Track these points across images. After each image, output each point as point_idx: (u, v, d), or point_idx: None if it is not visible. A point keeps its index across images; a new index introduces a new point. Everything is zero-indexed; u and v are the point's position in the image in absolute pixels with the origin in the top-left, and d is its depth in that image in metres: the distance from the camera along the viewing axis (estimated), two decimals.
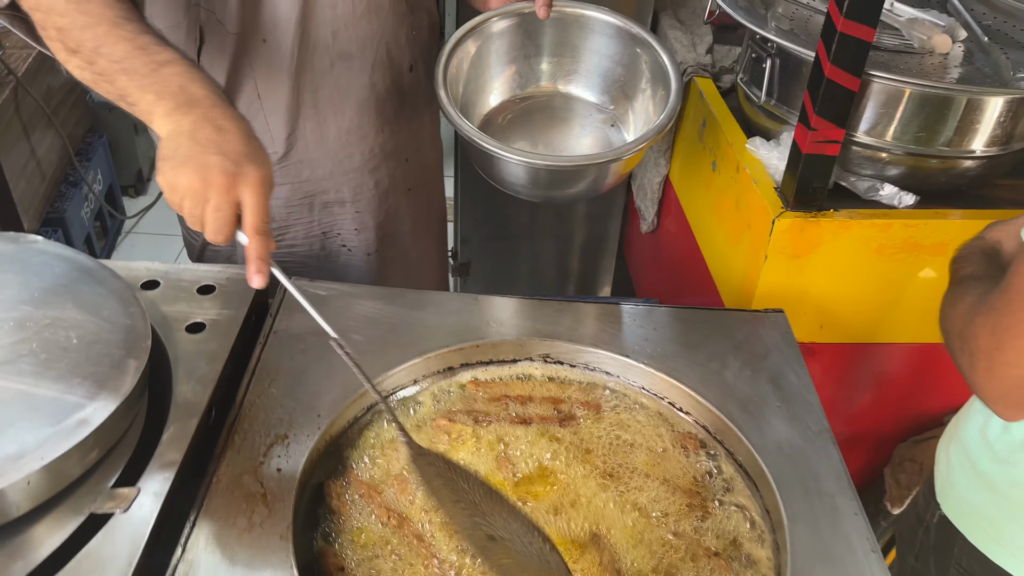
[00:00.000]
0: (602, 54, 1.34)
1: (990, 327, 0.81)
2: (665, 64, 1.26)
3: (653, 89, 1.30)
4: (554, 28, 1.32)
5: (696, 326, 1.16)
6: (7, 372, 0.85)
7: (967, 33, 1.47)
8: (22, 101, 2.21)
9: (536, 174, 1.19)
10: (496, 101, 1.36)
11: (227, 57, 1.15)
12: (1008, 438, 0.98)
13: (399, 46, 1.24)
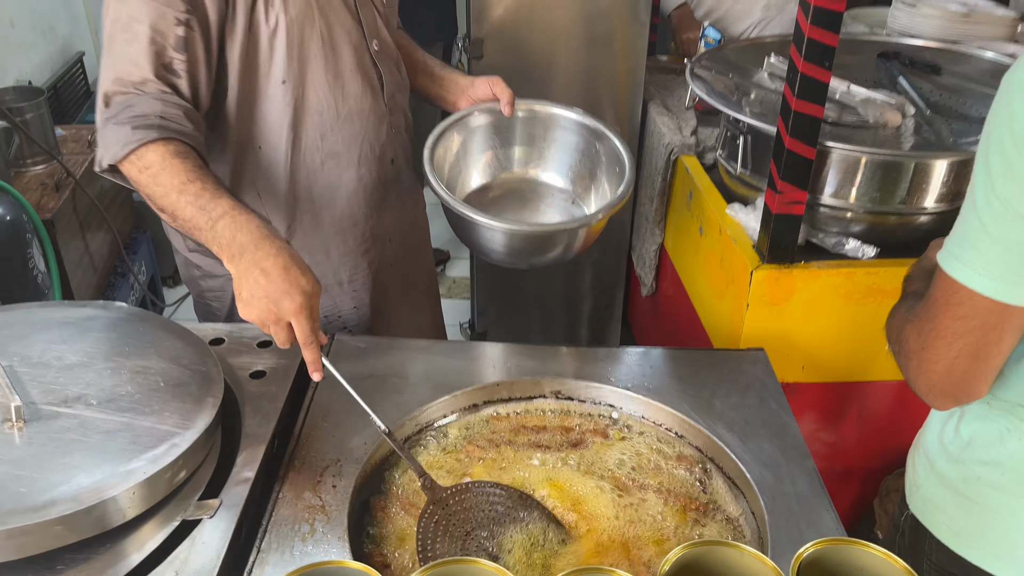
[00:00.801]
0: (565, 144, 1.52)
1: (916, 332, 0.96)
2: (620, 151, 1.44)
3: (610, 172, 1.47)
4: (524, 123, 1.52)
5: (687, 364, 1.33)
6: (111, 408, 1.03)
7: (915, 109, 1.68)
8: (79, 201, 2.45)
9: (512, 240, 1.34)
10: (475, 184, 1.53)
11: (228, 164, 1.34)
12: (958, 440, 1.11)
13: (380, 142, 1.41)
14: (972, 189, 0.89)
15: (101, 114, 1.19)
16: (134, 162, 1.15)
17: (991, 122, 0.87)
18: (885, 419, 1.64)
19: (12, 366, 1.07)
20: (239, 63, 1.25)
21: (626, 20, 2.06)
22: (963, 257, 0.89)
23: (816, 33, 1.28)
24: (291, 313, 1.05)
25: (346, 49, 1.32)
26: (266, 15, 1.23)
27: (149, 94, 1.17)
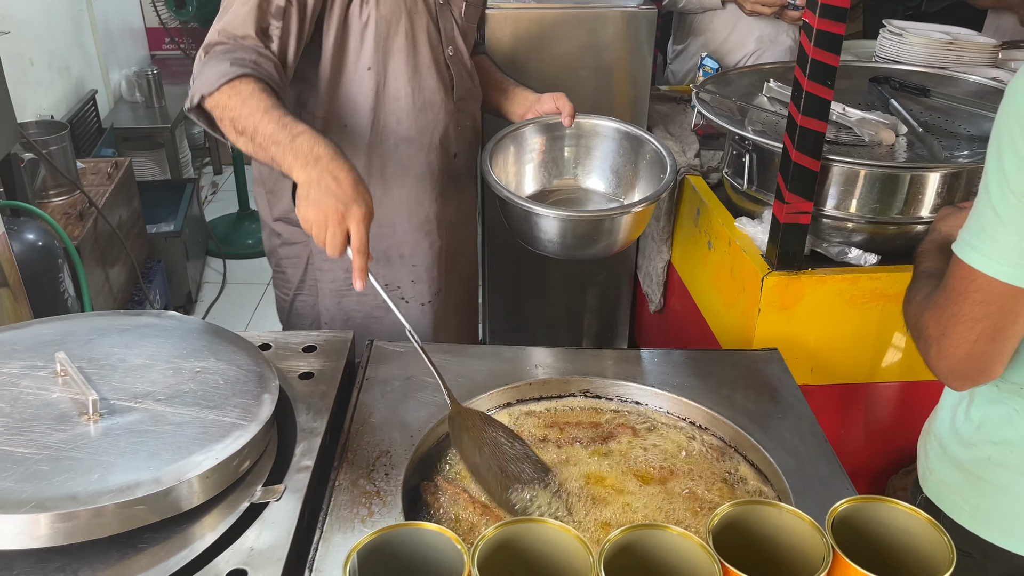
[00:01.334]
0: (611, 152, 1.69)
1: (936, 319, 1.04)
2: (662, 153, 1.59)
3: (651, 173, 1.62)
4: (575, 133, 1.68)
5: (706, 363, 1.41)
6: (178, 404, 1.10)
7: (907, 128, 1.79)
8: (100, 231, 2.52)
9: (564, 227, 1.48)
10: (529, 189, 1.69)
11: None
12: (969, 424, 1.18)
13: (448, 137, 1.58)
14: (986, 186, 0.97)
15: (200, 62, 1.34)
16: (226, 91, 1.27)
17: (1000, 126, 0.95)
18: (890, 419, 1.72)
19: (82, 367, 1.13)
20: (332, 49, 1.43)
21: (630, 51, 2.17)
22: (980, 248, 0.97)
23: (819, 55, 1.39)
24: (357, 218, 1.16)
25: (425, 48, 1.49)
26: (360, 10, 1.41)
27: (247, 46, 1.32)
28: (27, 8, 2.95)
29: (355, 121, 1.49)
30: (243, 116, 1.26)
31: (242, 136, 1.27)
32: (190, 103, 1.32)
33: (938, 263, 1.17)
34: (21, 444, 1.00)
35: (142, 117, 3.73)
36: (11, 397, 1.08)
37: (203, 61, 1.33)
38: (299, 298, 1.67)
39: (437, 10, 1.50)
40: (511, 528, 0.82)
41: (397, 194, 1.56)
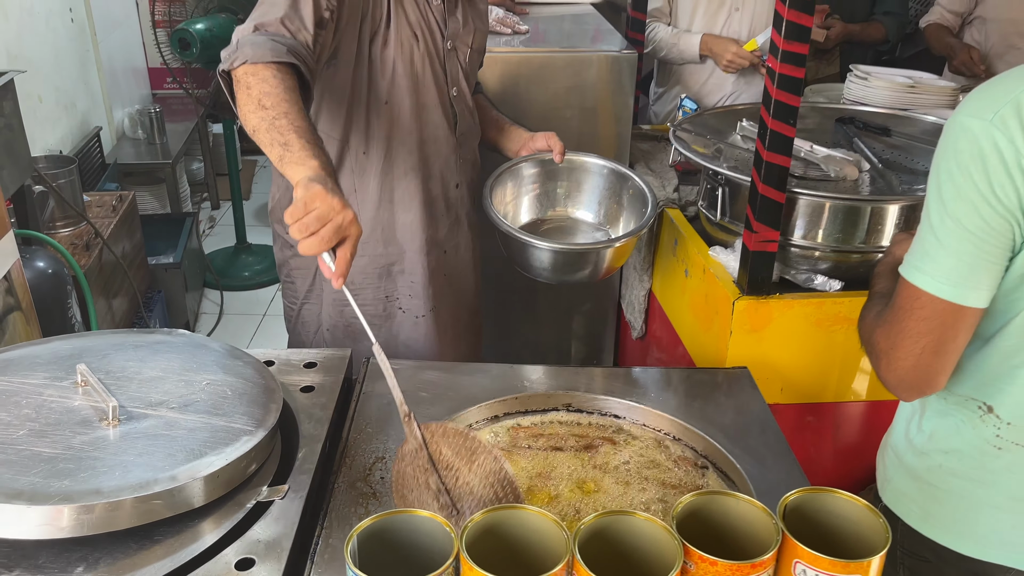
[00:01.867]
0: (598, 187, 1.86)
1: (885, 334, 1.14)
2: (644, 190, 1.76)
3: (636, 209, 1.78)
4: (567, 169, 1.87)
5: (681, 380, 1.51)
6: (190, 411, 1.19)
7: (869, 164, 1.92)
8: (105, 261, 2.62)
9: (555, 257, 1.67)
10: (524, 219, 1.87)
11: (334, 157, 1.63)
12: (921, 435, 1.27)
13: (450, 169, 1.74)
14: (927, 213, 1.07)
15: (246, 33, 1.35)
16: (273, 68, 1.30)
17: (939, 157, 1.06)
18: (858, 437, 1.82)
19: (101, 378, 1.23)
20: (357, 82, 1.58)
21: (613, 92, 2.30)
22: (923, 268, 1.07)
23: (782, 96, 1.52)
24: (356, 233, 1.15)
25: (433, 89, 1.65)
26: (382, 51, 1.57)
27: (301, 42, 1.37)
28: (38, 48, 3.08)
29: (372, 149, 1.65)
30: (276, 95, 1.27)
31: (264, 111, 1.27)
32: (229, 64, 1.34)
33: (890, 283, 1.27)
34: (47, 445, 1.09)
35: (144, 153, 3.85)
36: (36, 404, 1.17)
37: (252, 34, 1.35)
38: (305, 307, 1.81)
39: (445, 55, 1.66)
40: (496, 514, 0.91)
41: (403, 217, 1.71)
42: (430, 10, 1.63)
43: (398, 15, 1.58)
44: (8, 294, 1.77)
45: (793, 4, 1.44)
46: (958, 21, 3.13)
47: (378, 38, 1.57)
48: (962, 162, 1.02)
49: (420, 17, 1.61)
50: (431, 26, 1.63)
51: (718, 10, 2.69)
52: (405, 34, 1.59)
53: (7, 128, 2.03)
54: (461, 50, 1.70)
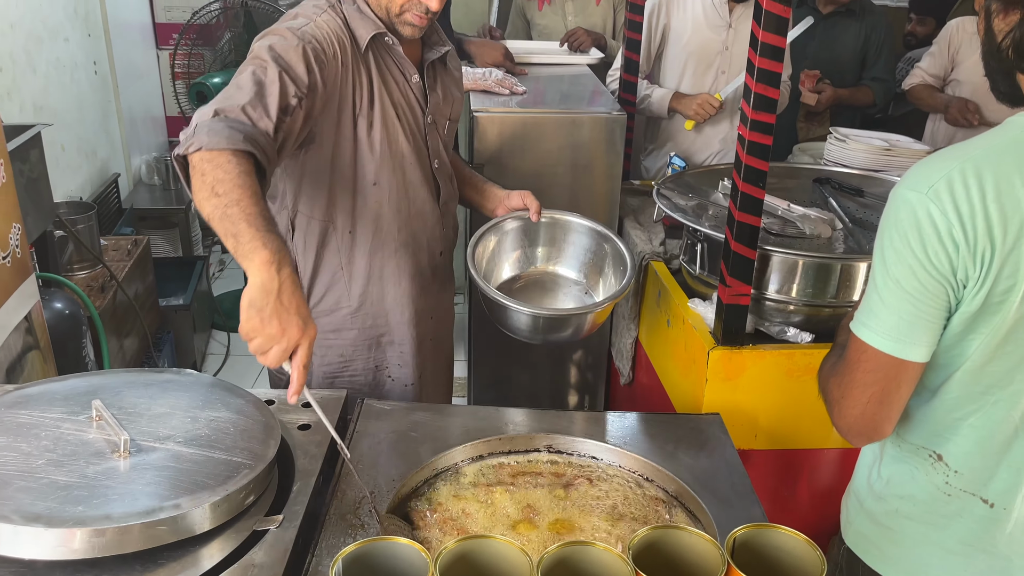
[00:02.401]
0: (579, 245, 1.93)
1: (837, 383, 1.23)
2: (623, 252, 1.83)
3: (615, 268, 1.85)
4: (546, 227, 1.92)
5: (656, 425, 1.60)
6: (194, 445, 1.29)
7: (842, 223, 2.03)
8: (119, 303, 2.74)
9: (536, 321, 1.71)
10: (506, 275, 1.93)
11: (316, 239, 1.70)
12: (880, 481, 1.34)
13: (435, 239, 1.81)
14: (873, 275, 1.18)
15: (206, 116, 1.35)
16: (228, 154, 1.29)
17: (883, 225, 1.17)
18: (830, 483, 1.90)
19: (113, 413, 1.33)
20: (342, 165, 1.63)
21: (604, 151, 2.43)
22: (869, 324, 1.17)
23: (751, 161, 1.63)
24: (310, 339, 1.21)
25: (416, 165, 1.71)
26: (368, 133, 1.62)
27: (261, 130, 1.38)
28: (63, 100, 3.25)
29: (360, 228, 1.69)
30: (229, 182, 1.26)
31: (216, 198, 1.25)
32: (184, 149, 1.33)
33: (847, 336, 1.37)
34: (63, 474, 1.19)
35: (159, 198, 4.01)
36: (54, 436, 1.27)
37: (212, 119, 1.34)
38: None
39: (426, 130, 1.72)
40: (468, 543, 1.01)
41: (392, 292, 1.77)
42: (410, 88, 1.68)
43: (381, 96, 1.62)
44: (28, 333, 1.88)
45: (760, 78, 1.57)
46: (939, 83, 3.28)
47: (362, 120, 1.61)
48: (901, 230, 1.12)
49: (401, 95, 1.66)
50: (411, 103, 1.68)
51: (705, 72, 2.84)
52: (389, 114, 1.64)
53: (33, 177, 2.17)
54: (440, 122, 1.76)
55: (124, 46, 3.96)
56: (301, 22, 1.55)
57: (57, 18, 3.21)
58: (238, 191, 1.26)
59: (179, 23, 4.42)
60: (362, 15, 1.61)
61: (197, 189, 1.31)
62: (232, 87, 1.42)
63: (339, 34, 1.57)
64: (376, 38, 1.62)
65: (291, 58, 1.46)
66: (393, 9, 1.59)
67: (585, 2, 3.81)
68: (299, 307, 1.22)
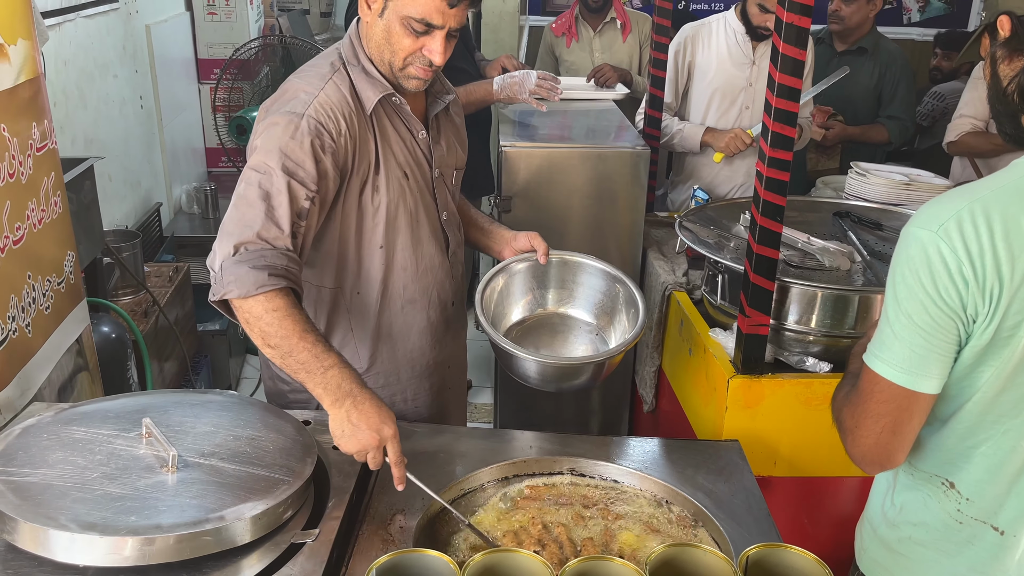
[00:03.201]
0: (590, 286, 1.87)
1: (851, 413, 1.27)
2: (635, 295, 1.78)
3: (627, 310, 1.81)
4: (556, 269, 1.87)
5: (676, 450, 1.65)
6: (236, 462, 1.37)
7: (860, 256, 2.08)
8: (160, 327, 2.85)
9: (545, 370, 1.67)
10: (516, 318, 1.86)
11: (327, 305, 1.69)
12: (893, 508, 1.38)
13: (445, 290, 1.77)
14: (885, 309, 1.22)
15: (227, 258, 1.41)
16: (263, 302, 1.38)
17: (895, 261, 1.21)
18: (847, 511, 1.93)
19: (162, 431, 1.42)
20: (347, 232, 1.61)
21: (628, 184, 2.51)
22: (882, 356, 1.21)
23: (770, 196, 1.70)
24: (390, 436, 1.36)
25: (425, 220, 1.68)
26: (372, 198, 1.60)
27: (278, 249, 1.42)
28: (111, 133, 3.40)
29: (367, 291, 1.67)
30: (277, 336, 1.38)
31: (272, 349, 1.40)
32: (219, 296, 1.41)
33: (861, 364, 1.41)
34: (116, 486, 1.27)
35: (198, 227, 4.14)
36: (108, 452, 1.36)
37: (232, 259, 1.40)
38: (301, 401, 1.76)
39: (434, 184, 1.69)
40: (494, 556, 1.07)
41: (402, 348, 1.74)
42: (416, 144, 1.65)
43: (386, 158, 1.59)
44: (79, 355, 1.98)
45: (777, 118, 1.64)
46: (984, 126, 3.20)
47: (367, 187, 1.58)
48: (913, 267, 1.16)
49: (408, 154, 1.63)
50: (419, 160, 1.65)
51: (729, 108, 2.91)
52: (395, 175, 1.61)
53: (86, 208, 2.29)
54: (447, 173, 1.73)
55: (168, 81, 4.13)
56: (303, 100, 1.51)
57: (107, 56, 3.38)
58: (289, 341, 1.38)
59: (219, 58, 4.60)
60: (369, 77, 1.58)
61: (248, 331, 1.42)
62: (242, 204, 1.45)
63: (344, 106, 1.53)
64: (383, 100, 1.59)
65: (297, 156, 1.46)
66: (396, 64, 1.55)
67: (612, 39, 3.91)
68: (368, 421, 1.36)
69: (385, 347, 1.74)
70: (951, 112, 4.71)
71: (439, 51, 1.51)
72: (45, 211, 1.80)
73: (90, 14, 3.20)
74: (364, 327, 1.71)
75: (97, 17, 3.28)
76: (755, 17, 2.74)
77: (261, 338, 1.40)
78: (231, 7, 4.70)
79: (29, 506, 1.21)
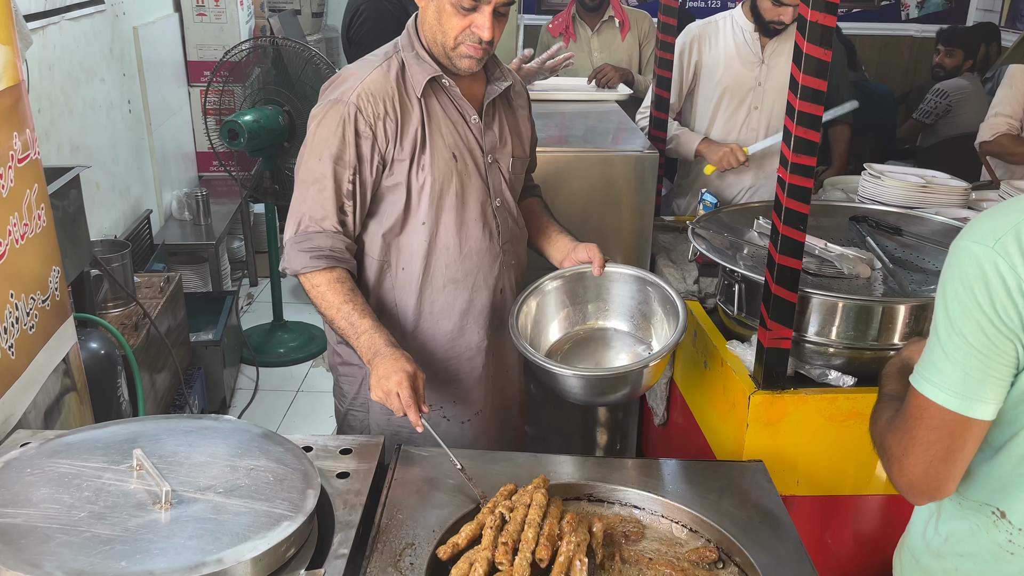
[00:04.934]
0: (624, 294, 1.85)
1: (897, 440, 1.18)
2: (672, 296, 1.76)
3: (665, 313, 1.78)
4: (586, 281, 1.85)
5: (698, 473, 1.57)
6: (235, 496, 1.28)
7: (880, 263, 2.00)
8: (151, 340, 2.75)
9: (587, 384, 1.68)
10: (554, 337, 1.86)
11: (374, 277, 1.76)
12: (937, 538, 1.30)
13: (492, 275, 1.79)
14: (935, 328, 1.13)
15: (291, 236, 1.67)
16: (307, 279, 1.64)
17: (945, 278, 1.13)
18: (874, 530, 1.85)
19: (154, 463, 1.32)
20: (393, 208, 1.70)
21: (636, 189, 2.43)
22: (932, 380, 1.13)
23: (792, 204, 1.62)
24: (411, 372, 1.52)
25: (473, 203, 1.73)
26: (417, 175, 1.67)
27: (326, 231, 1.64)
28: (98, 139, 3.30)
29: (410, 266, 1.74)
30: (322, 306, 1.64)
31: (322, 314, 1.65)
32: (281, 269, 1.70)
33: (898, 386, 1.33)
34: (106, 527, 1.18)
35: (189, 234, 4.05)
36: (96, 487, 1.27)
37: (292, 240, 1.66)
38: (351, 412, 1.87)
39: (487, 169, 1.74)
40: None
41: (443, 327, 1.78)
42: (469, 129, 1.71)
43: (433, 139, 1.66)
44: (66, 376, 1.89)
45: (800, 121, 1.56)
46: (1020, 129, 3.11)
47: (414, 165, 1.66)
48: (967, 284, 1.08)
49: (458, 137, 1.69)
50: (470, 144, 1.71)
51: (737, 108, 2.83)
52: (442, 156, 1.67)
53: (71, 219, 2.20)
54: (503, 161, 1.76)
55: (157, 84, 4.03)
56: (351, 85, 1.64)
57: (94, 59, 3.28)
58: (330, 312, 1.63)
59: (209, 60, 4.49)
60: (419, 60, 1.66)
61: (310, 297, 1.68)
62: (299, 188, 1.67)
63: (387, 89, 1.64)
64: (433, 83, 1.66)
65: (338, 143, 1.62)
66: (448, 44, 1.62)
67: (610, 38, 3.83)
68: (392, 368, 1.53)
69: (427, 323, 1.78)
70: (954, 110, 4.66)
71: (487, 26, 1.58)
72: (28, 225, 1.70)
73: (75, 16, 3.10)
74: (406, 302, 1.77)
75: (83, 19, 3.18)
76: (767, 12, 2.65)
77: (317, 302, 1.65)
78: (221, 8, 4.60)
79: (11, 551, 1.12)
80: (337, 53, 6.49)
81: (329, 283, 1.62)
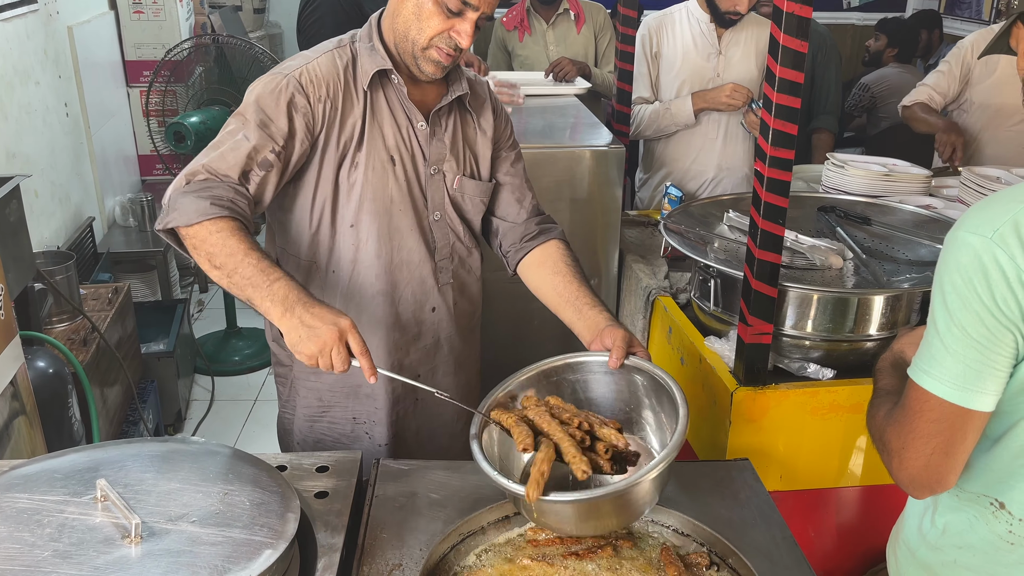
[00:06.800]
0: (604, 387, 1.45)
1: (896, 434, 1.17)
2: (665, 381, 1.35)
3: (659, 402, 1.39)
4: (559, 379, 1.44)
5: (685, 474, 1.54)
6: (210, 524, 1.20)
7: (852, 253, 2.00)
8: (101, 355, 2.63)
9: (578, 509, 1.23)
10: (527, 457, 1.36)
11: (302, 278, 1.62)
12: (934, 530, 1.29)
13: (424, 292, 1.66)
14: (933, 320, 1.12)
15: (177, 189, 1.44)
16: (207, 226, 1.39)
17: (942, 269, 1.11)
18: (858, 521, 1.86)
19: (120, 493, 1.24)
20: (321, 205, 1.59)
21: (601, 184, 2.39)
22: (931, 372, 1.11)
23: (771, 198, 1.60)
24: (349, 326, 1.32)
25: (408, 213, 1.62)
26: (349, 173, 1.57)
27: (227, 183, 1.45)
28: (35, 145, 3.14)
29: (338, 271, 1.63)
30: (222, 254, 1.38)
31: (217, 270, 1.39)
32: (163, 225, 1.43)
33: (893, 380, 1.32)
34: (72, 567, 1.10)
35: (135, 241, 3.89)
36: (58, 523, 1.18)
37: (181, 189, 1.43)
38: (284, 415, 1.79)
39: (427, 179, 1.62)
40: None
41: (369, 339, 1.60)
42: (414, 133, 1.60)
43: (372, 138, 1.57)
44: (14, 399, 1.78)
45: (779, 114, 1.54)
46: (942, 105, 3.13)
47: (347, 161, 1.56)
48: (965, 275, 1.07)
49: (400, 140, 1.59)
50: (412, 149, 1.60)
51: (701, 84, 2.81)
52: (379, 157, 1.57)
53: (12, 232, 2.07)
54: (449, 176, 1.64)
55: (94, 86, 3.86)
56: (297, 63, 1.55)
57: (27, 61, 3.11)
58: (233, 259, 1.38)
59: (149, 60, 4.33)
60: (372, 52, 1.57)
61: (195, 258, 1.43)
62: (210, 145, 1.50)
63: (333, 76, 1.55)
64: (382, 78, 1.58)
65: (271, 110, 1.50)
66: (420, 43, 1.51)
67: (566, 31, 3.79)
68: (321, 317, 1.33)
69: None
70: (881, 100, 4.77)
71: (468, 33, 1.50)
72: None
73: (7, 17, 2.93)
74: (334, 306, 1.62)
75: (15, 20, 3.01)
76: (723, 2, 2.64)
77: (208, 260, 1.40)
78: (159, 5, 4.42)
79: None
80: (281, 50, 6.33)
81: (234, 229, 1.39)
